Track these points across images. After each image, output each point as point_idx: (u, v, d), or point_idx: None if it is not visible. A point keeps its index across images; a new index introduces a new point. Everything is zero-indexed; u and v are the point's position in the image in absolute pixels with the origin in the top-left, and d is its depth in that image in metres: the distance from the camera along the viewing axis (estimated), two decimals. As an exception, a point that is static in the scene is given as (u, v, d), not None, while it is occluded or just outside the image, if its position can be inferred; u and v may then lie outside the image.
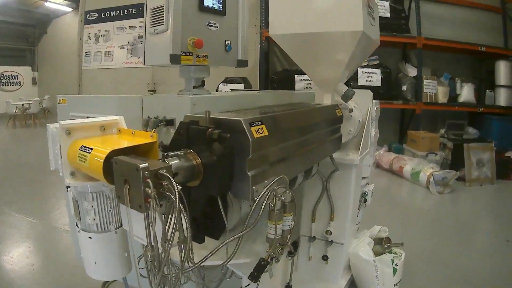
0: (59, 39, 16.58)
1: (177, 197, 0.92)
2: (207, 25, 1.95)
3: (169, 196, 0.94)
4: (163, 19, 1.81)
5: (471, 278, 3.16)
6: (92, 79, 11.21)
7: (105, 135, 1.34)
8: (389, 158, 6.87)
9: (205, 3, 1.92)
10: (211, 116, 1.13)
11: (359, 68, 7.44)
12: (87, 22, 11.30)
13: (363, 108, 2.48)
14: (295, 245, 2.79)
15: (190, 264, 1.07)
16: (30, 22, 17.04)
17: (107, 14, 11.01)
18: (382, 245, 2.81)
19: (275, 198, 1.11)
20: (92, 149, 1.15)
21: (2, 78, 15.76)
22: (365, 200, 2.95)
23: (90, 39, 11.36)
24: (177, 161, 1.03)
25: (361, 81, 7.53)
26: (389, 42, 7.73)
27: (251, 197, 1.10)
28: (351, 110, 2.38)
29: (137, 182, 0.92)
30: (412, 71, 7.93)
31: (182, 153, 1.06)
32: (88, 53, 11.39)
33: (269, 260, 1.18)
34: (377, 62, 7.84)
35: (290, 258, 1.55)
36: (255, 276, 1.19)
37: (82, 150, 1.19)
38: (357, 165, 2.44)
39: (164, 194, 0.95)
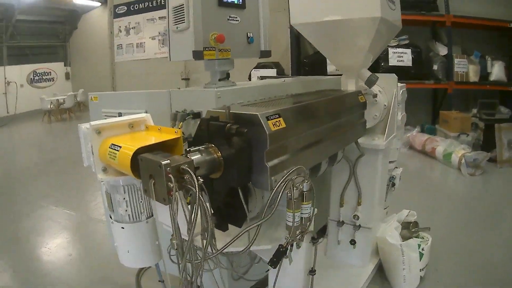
0: (89, 34, 16.88)
1: (197, 189, 0.99)
2: (228, 19, 2.01)
3: (191, 189, 1.01)
4: (184, 17, 1.88)
5: (497, 265, 3.08)
6: (125, 71, 11.44)
7: (134, 132, 1.42)
8: (422, 139, 6.79)
9: None
10: (231, 111, 1.18)
11: (389, 48, 7.36)
12: (117, 15, 11.50)
13: (389, 92, 2.49)
14: (324, 230, 2.86)
15: (214, 251, 1.14)
16: (60, 19, 17.39)
17: (136, 6, 11.17)
18: (409, 229, 2.83)
19: (293, 188, 1.16)
20: (120, 147, 1.23)
21: (34, 75, 16.22)
22: (393, 184, 2.96)
23: (121, 32, 11.57)
24: (198, 155, 1.10)
25: (392, 61, 7.42)
26: (418, 21, 7.56)
27: (270, 187, 1.15)
28: (375, 95, 2.39)
29: (160, 177, 0.99)
30: (443, 50, 7.74)
31: (203, 148, 1.13)
32: (120, 45, 11.62)
33: (287, 247, 1.24)
34: (407, 41, 7.75)
35: (314, 243, 1.59)
36: (274, 261, 1.25)
37: (111, 148, 1.27)
38: (383, 150, 2.46)
39: (186, 187, 1.02)
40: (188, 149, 1.11)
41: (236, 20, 2.04)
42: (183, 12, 1.89)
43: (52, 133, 11.56)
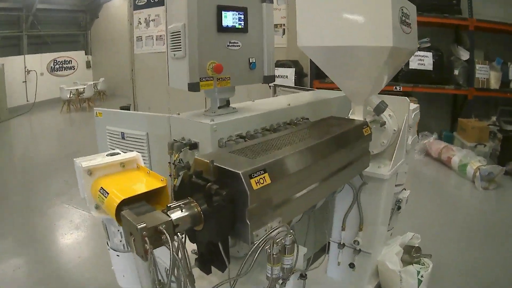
0: (110, 23, 16.97)
1: (172, 250, 1.00)
2: (228, 45, 1.95)
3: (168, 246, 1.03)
4: (181, 45, 1.81)
5: (502, 286, 3.02)
6: (144, 63, 11.42)
7: (125, 172, 1.44)
8: (439, 147, 6.67)
9: (224, 24, 1.91)
10: (215, 163, 1.18)
11: (410, 51, 7.21)
12: (136, 7, 11.46)
13: (400, 117, 2.43)
14: (325, 249, 2.86)
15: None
16: (81, 7, 17.57)
17: (156, -2, 11.14)
18: (411, 254, 2.80)
19: (273, 244, 1.17)
20: (108, 193, 1.26)
21: (55, 63, 16.40)
22: (399, 208, 2.92)
23: (140, 24, 11.55)
24: (179, 212, 1.11)
25: (413, 64, 7.27)
26: (440, 24, 7.39)
27: (250, 241, 1.16)
28: (383, 123, 2.34)
29: (138, 237, 1.00)
30: (465, 55, 7.55)
31: (184, 204, 1.13)
32: (140, 37, 11.60)
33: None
34: (428, 44, 7.58)
35: (303, 280, 1.59)
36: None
37: (100, 193, 1.30)
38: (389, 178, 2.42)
39: (164, 245, 1.04)
40: (169, 206, 1.12)
41: (237, 46, 1.99)
42: (180, 40, 1.81)
43: (71, 123, 11.71)
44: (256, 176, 1.15)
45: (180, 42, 1.82)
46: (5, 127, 11.22)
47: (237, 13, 1.97)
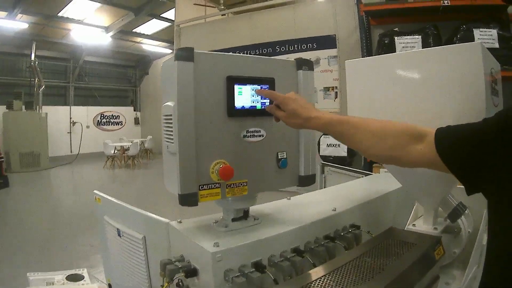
0: (160, 81, 17.16)
1: None
2: (245, 136, 1.34)
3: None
4: (172, 136, 1.24)
5: None
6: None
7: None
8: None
9: (238, 104, 1.31)
10: None
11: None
12: (184, 67, 11.44)
13: (476, 213, 1.81)
14: None
15: None
16: (131, 63, 18.03)
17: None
18: None
19: None
20: None
21: (102, 117, 16.68)
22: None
23: (187, 83, 11.48)
24: None
25: (477, 123, 6.56)
26: (503, 78, 6.66)
27: None
28: (459, 231, 1.73)
29: None
30: (531, 109, 6.74)
31: None
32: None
33: None
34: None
35: None
36: None
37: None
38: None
39: None
40: None
41: (259, 136, 1.37)
42: (171, 127, 1.25)
43: (112, 180, 11.50)
44: None
45: (171, 131, 1.25)
46: (44, 175, 11.25)
47: (259, 87, 1.36)
